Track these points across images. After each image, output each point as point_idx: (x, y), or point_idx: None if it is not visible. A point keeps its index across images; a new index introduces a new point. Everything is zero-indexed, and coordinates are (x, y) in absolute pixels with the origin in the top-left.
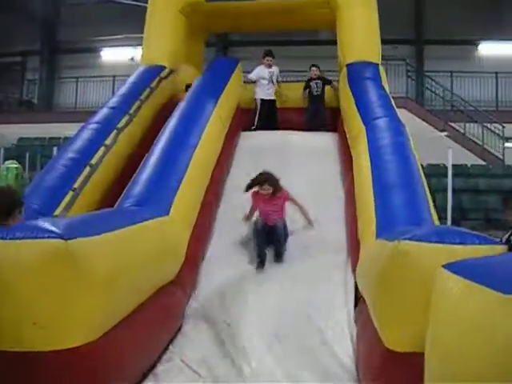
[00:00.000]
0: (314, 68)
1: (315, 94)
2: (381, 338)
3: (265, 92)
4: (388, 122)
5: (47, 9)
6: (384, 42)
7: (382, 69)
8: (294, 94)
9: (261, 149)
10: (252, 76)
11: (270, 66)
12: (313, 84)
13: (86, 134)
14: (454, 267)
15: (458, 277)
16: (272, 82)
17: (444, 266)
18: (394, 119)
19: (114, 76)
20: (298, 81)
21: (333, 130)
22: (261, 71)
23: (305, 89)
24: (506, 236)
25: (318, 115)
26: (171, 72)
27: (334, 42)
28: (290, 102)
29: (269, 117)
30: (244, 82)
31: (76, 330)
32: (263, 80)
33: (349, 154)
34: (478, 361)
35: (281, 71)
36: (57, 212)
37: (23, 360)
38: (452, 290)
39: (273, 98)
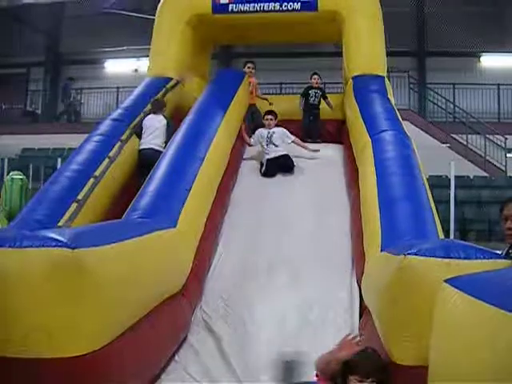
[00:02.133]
0: (315, 76)
1: (312, 102)
2: (386, 351)
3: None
4: (394, 135)
5: (51, 20)
6: (386, 53)
7: (387, 82)
8: (295, 106)
9: None
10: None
11: (269, 126)
12: (312, 92)
13: (90, 146)
14: (457, 282)
15: (460, 292)
16: (273, 143)
17: (446, 281)
18: (400, 132)
19: (118, 87)
20: (299, 93)
21: (337, 141)
22: (259, 135)
23: (302, 96)
24: (506, 249)
25: (314, 126)
26: (177, 83)
27: (336, 54)
28: (289, 113)
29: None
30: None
31: (81, 337)
32: (262, 144)
33: (355, 166)
34: (478, 376)
35: (282, 83)
36: (61, 223)
37: (29, 367)
38: (454, 305)
39: (278, 154)
